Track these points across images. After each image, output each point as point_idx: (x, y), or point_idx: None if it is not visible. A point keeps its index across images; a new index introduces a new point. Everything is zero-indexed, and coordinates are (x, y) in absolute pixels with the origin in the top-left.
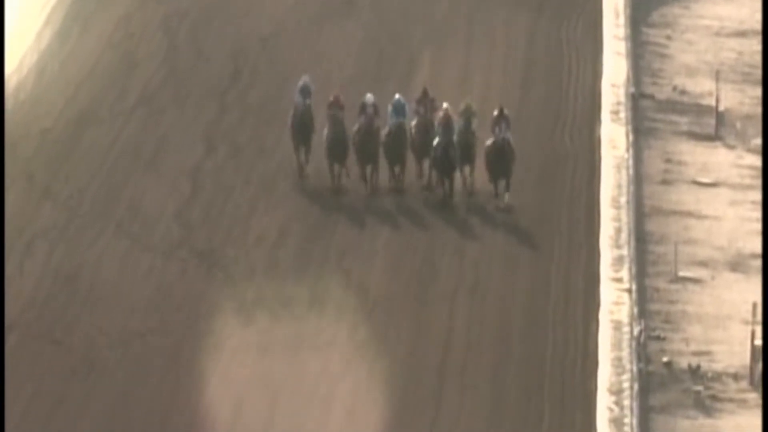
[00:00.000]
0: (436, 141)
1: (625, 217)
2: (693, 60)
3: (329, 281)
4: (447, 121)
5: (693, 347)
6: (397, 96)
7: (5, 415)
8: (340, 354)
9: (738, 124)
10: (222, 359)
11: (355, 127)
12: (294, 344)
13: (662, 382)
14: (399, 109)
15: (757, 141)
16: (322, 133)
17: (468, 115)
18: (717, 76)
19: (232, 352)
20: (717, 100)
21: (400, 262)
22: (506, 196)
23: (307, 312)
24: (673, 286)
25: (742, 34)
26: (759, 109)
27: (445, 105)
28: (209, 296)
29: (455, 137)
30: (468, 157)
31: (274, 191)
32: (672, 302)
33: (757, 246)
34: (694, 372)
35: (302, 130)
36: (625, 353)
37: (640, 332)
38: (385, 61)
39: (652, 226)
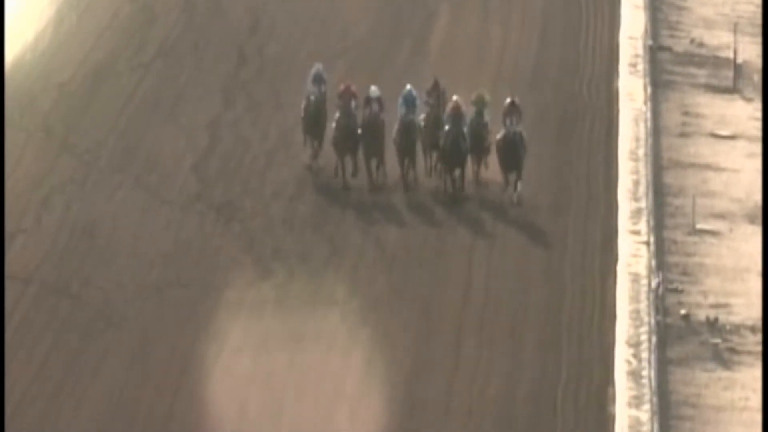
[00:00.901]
0: (446, 130)
1: (643, 170)
2: (711, 12)
3: (347, 235)
4: (457, 112)
5: (711, 300)
6: (408, 87)
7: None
8: (358, 307)
9: (755, 77)
10: (240, 313)
11: (359, 120)
12: (311, 298)
13: (680, 335)
14: (410, 102)
15: None
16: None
17: (480, 105)
18: (735, 28)
19: (250, 305)
20: (735, 53)
21: (418, 217)
22: (518, 186)
23: (324, 265)
24: (691, 239)
25: None
26: None
27: (455, 97)
28: (227, 249)
29: (466, 128)
30: (480, 148)
31: (292, 144)
32: (690, 255)
33: None
34: (712, 324)
35: (315, 122)
36: (643, 306)
37: (658, 285)
38: (402, 16)
39: (669, 178)
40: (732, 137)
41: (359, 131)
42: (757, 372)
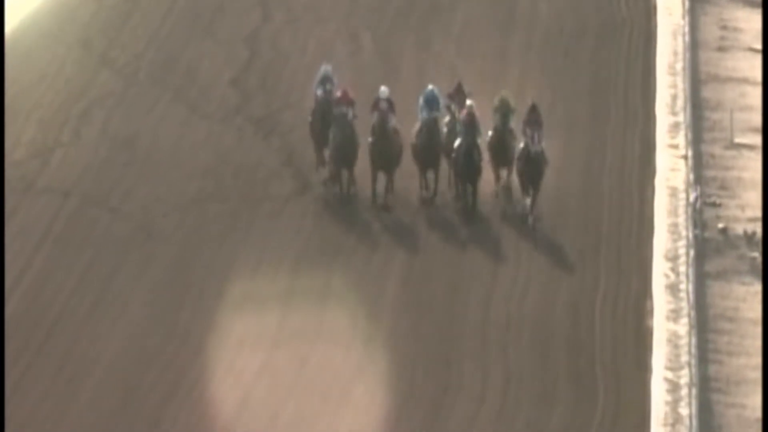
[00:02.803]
0: (457, 142)
1: (681, 84)
2: None
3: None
4: (471, 119)
5: (749, 213)
6: (430, 87)
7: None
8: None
9: None
10: (279, 226)
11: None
12: (350, 210)
13: (718, 249)
14: (432, 102)
15: None
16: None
17: (505, 110)
18: None
19: (289, 218)
20: None
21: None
22: (534, 207)
23: (362, 178)
24: (729, 153)
25: None
26: None
27: (469, 102)
28: (266, 163)
29: (490, 133)
30: (505, 158)
31: (332, 57)
32: (728, 168)
33: None
34: (750, 238)
35: (323, 126)
36: (681, 219)
37: (696, 198)
38: None
39: (707, 92)
40: None
41: (369, 140)
42: None
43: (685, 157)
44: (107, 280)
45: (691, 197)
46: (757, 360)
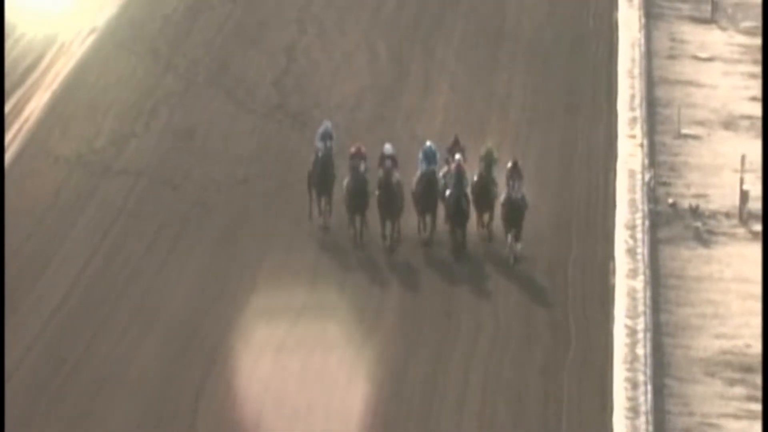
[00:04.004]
0: (448, 192)
1: (638, 85)
2: None
3: (400, 136)
4: (459, 171)
5: (693, 191)
6: (428, 143)
7: None
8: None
9: (729, 10)
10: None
11: (376, 179)
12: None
13: (668, 220)
14: (430, 157)
15: (746, 24)
16: (342, 182)
17: (489, 160)
18: None
19: None
20: None
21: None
22: (517, 245)
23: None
24: (677, 142)
25: None
26: None
27: (457, 156)
28: (301, 149)
29: (475, 179)
30: (487, 204)
31: (353, 64)
32: (676, 154)
33: (744, 108)
34: (694, 211)
35: (323, 178)
36: (638, 196)
37: (650, 179)
38: None
39: (660, 92)
40: (710, 59)
41: (376, 192)
42: (731, 249)
43: (642, 145)
44: (171, 245)
45: (646, 178)
46: (701, 309)
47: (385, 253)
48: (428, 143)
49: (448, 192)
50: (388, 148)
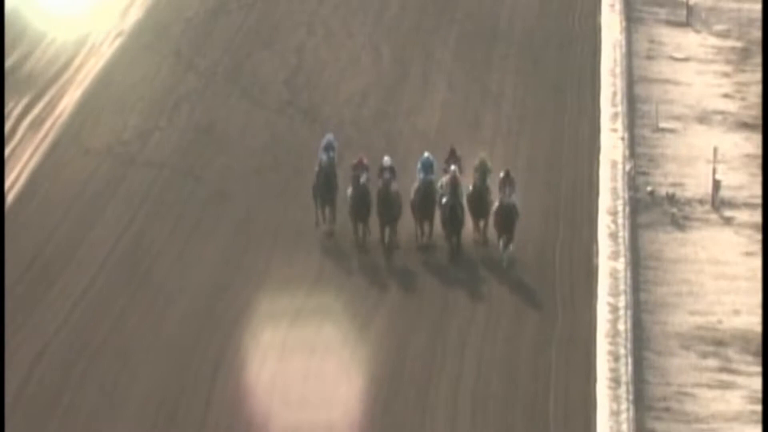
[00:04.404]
0: (444, 201)
1: (620, 83)
2: None
3: (401, 129)
4: (454, 181)
5: (669, 180)
6: (426, 154)
7: None
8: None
9: (703, 14)
10: None
11: (375, 189)
12: None
13: (647, 206)
14: (427, 167)
15: (718, 27)
16: (345, 191)
17: (483, 170)
18: None
19: None
20: None
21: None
22: (509, 248)
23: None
24: (655, 135)
25: None
26: (720, 3)
27: (453, 167)
28: (310, 142)
29: (470, 189)
30: (482, 211)
31: (359, 64)
32: (654, 147)
33: (717, 104)
34: (671, 198)
35: (327, 188)
36: (619, 184)
37: (631, 169)
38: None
39: (639, 90)
40: (686, 59)
41: (375, 201)
42: (705, 233)
43: (623, 138)
44: (192, 230)
45: (627, 168)
46: (677, 288)
47: (385, 256)
48: (426, 154)
49: (443, 200)
50: (386, 160)
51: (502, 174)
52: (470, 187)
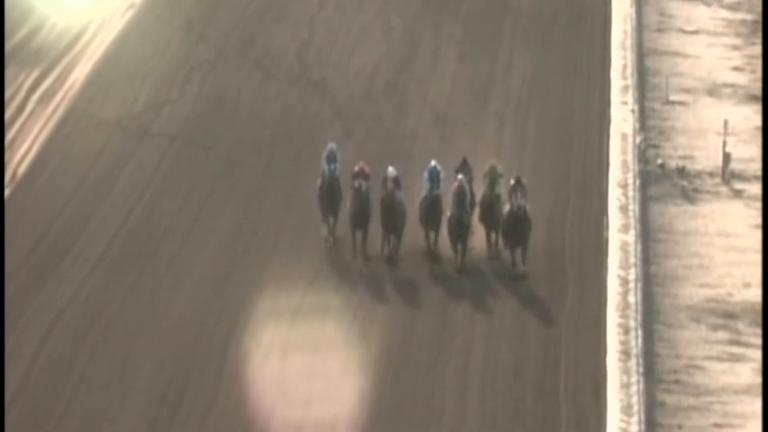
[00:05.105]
0: (449, 211)
1: (630, 56)
2: None
3: (412, 102)
4: (461, 191)
5: (680, 152)
6: (432, 163)
7: None
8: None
9: None
10: None
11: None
12: (385, 150)
13: (657, 179)
14: (434, 177)
15: None
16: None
17: (493, 176)
18: None
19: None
20: None
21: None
22: (524, 263)
23: (394, 126)
24: (665, 107)
25: None
26: None
27: (459, 176)
28: (321, 114)
29: (479, 198)
30: (492, 221)
31: (370, 37)
32: (664, 119)
33: (727, 77)
34: (681, 171)
35: (330, 198)
36: (630, 157)
37: (641, 141)
38: None
39: (649, 62)
40: (695, 32)
41: (379, 210)
42: (714, 206)
43: (633, 111)
44: (203, 202)
45: (637, 141)
46: (687, 261)
47: (387, 264)
48: (433, 163)
49: (449, 213)
50: (391, 170)
51: (512, 181)
52: (480, 195)
